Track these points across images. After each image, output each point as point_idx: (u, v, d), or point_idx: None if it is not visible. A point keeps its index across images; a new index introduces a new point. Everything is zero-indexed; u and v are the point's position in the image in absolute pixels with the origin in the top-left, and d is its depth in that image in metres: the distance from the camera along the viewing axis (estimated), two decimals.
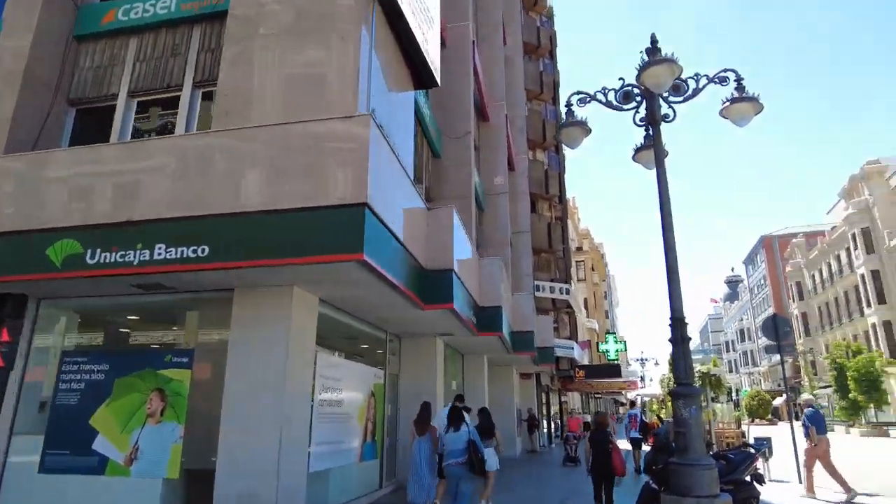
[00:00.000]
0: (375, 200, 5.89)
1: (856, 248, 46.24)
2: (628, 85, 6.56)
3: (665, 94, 6.40)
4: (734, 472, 7.26)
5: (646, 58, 6.07)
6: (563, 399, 32.82)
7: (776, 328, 11.86)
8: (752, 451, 7.59)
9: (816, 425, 9.91)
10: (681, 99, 6.39)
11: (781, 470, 12.46)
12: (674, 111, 6.39)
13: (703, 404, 21.60)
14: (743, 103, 6.24)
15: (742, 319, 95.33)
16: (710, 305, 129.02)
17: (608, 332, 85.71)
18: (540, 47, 30.69)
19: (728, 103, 6.26)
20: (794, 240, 67.36)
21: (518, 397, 20.63)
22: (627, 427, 24.62)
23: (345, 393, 8.49)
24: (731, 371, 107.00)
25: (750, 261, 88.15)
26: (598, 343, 31.63)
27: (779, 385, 74.49)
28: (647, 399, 31.83)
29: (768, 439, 11.83)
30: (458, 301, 8.88)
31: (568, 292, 26.55)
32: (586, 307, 48.42)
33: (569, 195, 62.01)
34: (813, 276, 60.31)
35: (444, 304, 8.50)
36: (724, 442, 19.48)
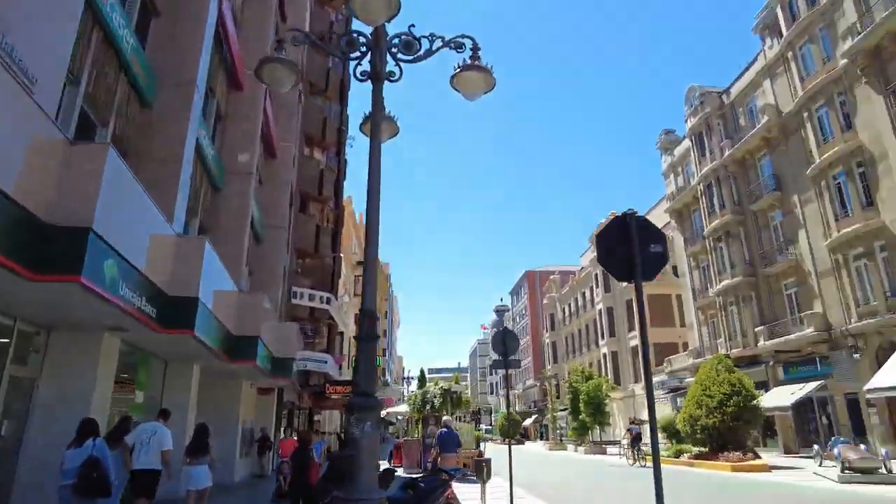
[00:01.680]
0: None
1: (597, 287, 52.89)
2: (355, 31, 5.42)
3: (395, 51, 5.35)
4: (422, 501, 6.10)
5: None
6: (316, 418, 30.70)
7: (504, 342, 11.45)
8: (446, 477, 6.47)
9: (442, 444, 11.13)
10: (411, 57, 5.46)
11: (502, 492, 12.04)
12: (401, 70, 5.36)
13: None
14: (474, 72, 5.51)
15: None
16: (480, 331, 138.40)
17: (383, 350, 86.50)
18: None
19: (459, 70, 5.46)
20: (552, 276, 75.47)
21: (250, 414, 18.02)
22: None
23: None
24: (491, 393, 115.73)
25: (515, 292, 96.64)
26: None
27: (530, 407, 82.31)
28: (399, 417, 31.04)
29: (488, 460, 11.24)
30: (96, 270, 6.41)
31: (329, 302, 24.78)
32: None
33: (358, 212, 61.09)
34: (563, 309, 67.79)
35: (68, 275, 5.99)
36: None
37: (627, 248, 4.55)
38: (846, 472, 13.84)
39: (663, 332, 43.91)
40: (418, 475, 8.15)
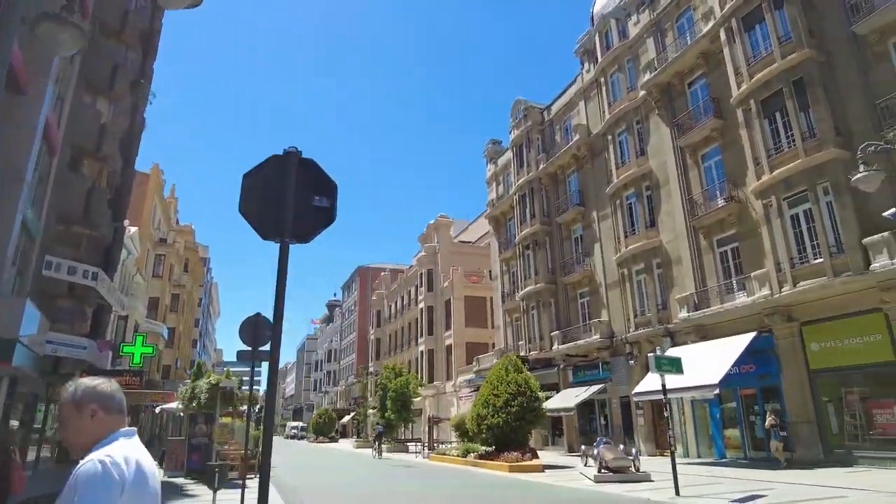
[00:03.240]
0: None
1: (421, 286, 53.28)
2: None
3: None
4: None
5: None
6: None
7: (255, 329, 9.93)
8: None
9: None
10: None
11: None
12: None
13: (226, 422, 19.15)
14: None
15: (332, 341, 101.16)
16: (310, 326, 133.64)
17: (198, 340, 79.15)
18: None
19: None
20: (382, 273, 75.00)
21: None
22: None
23: None
24: (315, 390, 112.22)
25: (347, 287, 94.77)
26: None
27: (350, 404, 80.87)
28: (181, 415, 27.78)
29: (222, 466, 9.66)
30: None
31: (95, 277, 21.06)
32: (157, 308, 42.05)
33: (171, 182, 54.71)
34: (390, 307, 67.58)
35: None
36: (236, 463, 17.36)
37: (281, 194, 3.42)
38: (602, 471, 14.57)
39: (477, 333, 45.44)
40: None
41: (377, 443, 29.75)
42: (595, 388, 26.66)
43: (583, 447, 15.95)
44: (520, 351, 34.25)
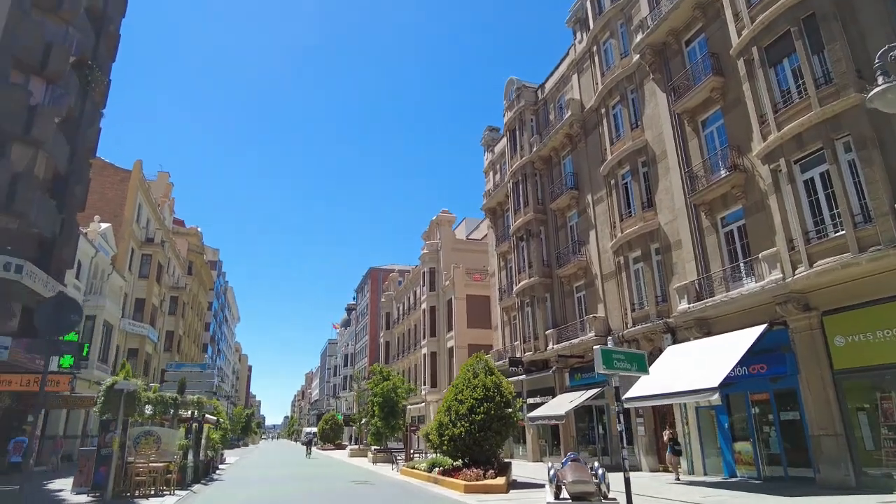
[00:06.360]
0: None
1: (423, 285, 50.63)
2: None
3: None
4: None
5: None
6: (30, 420, 24.25)
7: (57, 313, 7.50)
8: None
9: None
10: None
11: None
12: None
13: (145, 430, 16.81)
14: None
15: (348, 345, 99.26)
16: (332, 330, 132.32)
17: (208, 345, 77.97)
18: None
19: None
20: (391, 274, 72.59)
21: None
22: None
23: None
24: (334, 395, 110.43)
25: (360, 290, 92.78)
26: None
27: (362, 410, 78.49)
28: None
29: None
30: None
31: (20, 270, 19.08)
32: (142, 310, 40.37)
33: (164, 185, 53.45)
34: (398, 308, 65.09)
35: None
36: (144, 478, 15.06)
37: None
38: (560, 498, 11.66)
39: (480, 334, 42.43)
40: None
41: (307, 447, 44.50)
42: (591, 392, 23.60)
43: (549, 464, 13.05)
44: (515, 352, 31.32)
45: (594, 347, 9.61)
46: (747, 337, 15.42)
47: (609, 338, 23.30)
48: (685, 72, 19.88)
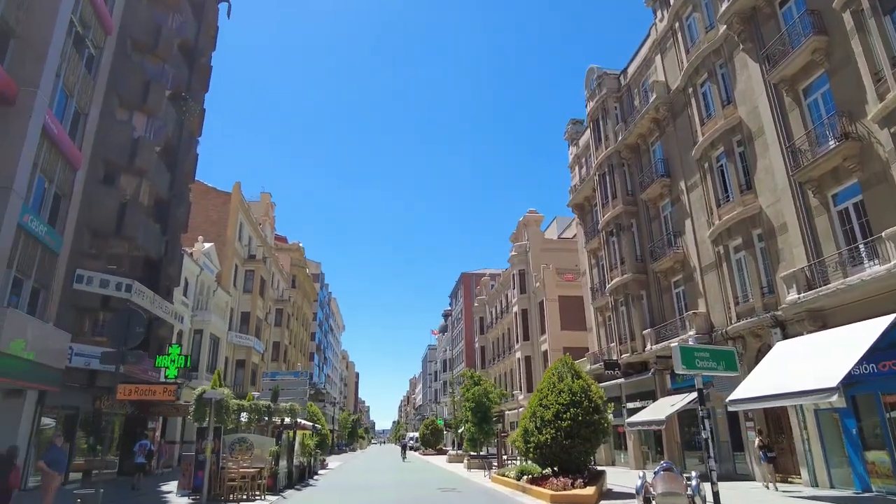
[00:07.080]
0: None
1: (513, 288, 49.77)
2: None
3: None
4: None
5: None
6: (151, 426, 26.34)
7: (127, 326, 7.87)
8: None
9: (51, 462, 10.95)
10: None
11: None
12: None
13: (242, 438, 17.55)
14: None
15: (446, 351, 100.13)
16: (432, 336, 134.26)
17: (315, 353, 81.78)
18: None
19: None
20: (482, 278, 72.26)
21: None
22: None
23: None
24: (435, 400, 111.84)
25: (454, 295, 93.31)
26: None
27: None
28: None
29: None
30: None
31: (129, 289, 20.76)
32: (247, 322, 42.94)
33: (265, 204, 56.68)
34: (491, 312, 64.60)
35: None
36: (236, 483, 15.67)
37: None
38: None
39: (574, 336, 40.78)
40: None
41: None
42: (692, 395, 21.73)
43: (641, 473, 11.99)
44: (611, 354, 29.77)
45: (672, 346, 8.60)
46: (873, 329, 13.38)
47: (711, 334, 21.46)
48: (780, 36, 17.83)
